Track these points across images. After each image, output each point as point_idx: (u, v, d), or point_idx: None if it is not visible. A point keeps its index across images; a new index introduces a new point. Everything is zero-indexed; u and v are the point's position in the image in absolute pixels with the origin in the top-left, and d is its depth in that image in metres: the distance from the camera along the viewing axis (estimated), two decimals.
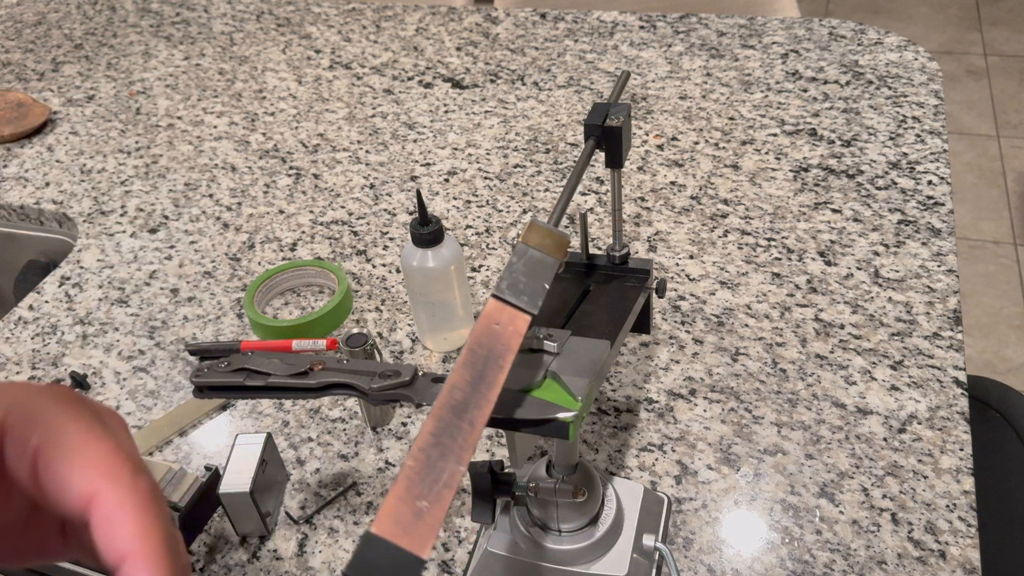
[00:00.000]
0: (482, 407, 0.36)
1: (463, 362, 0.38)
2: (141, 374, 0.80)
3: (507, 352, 0.39)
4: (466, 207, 0.97)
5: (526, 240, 0.44)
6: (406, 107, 1.16)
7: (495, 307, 0.41)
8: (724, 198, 0.94)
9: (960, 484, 0.63)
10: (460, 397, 0.37)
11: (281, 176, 1.05)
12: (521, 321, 0.41)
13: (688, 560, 0.60)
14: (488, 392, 0.37)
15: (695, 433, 0.69)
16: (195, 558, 0.64)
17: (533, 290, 0.42)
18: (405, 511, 0.32)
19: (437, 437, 0.35)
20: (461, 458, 0.34)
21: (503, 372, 0.38)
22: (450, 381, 0.37)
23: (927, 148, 0.98)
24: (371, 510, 0.66)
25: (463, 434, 0.35)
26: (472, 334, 0.40)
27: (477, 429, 0.35)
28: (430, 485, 0.33)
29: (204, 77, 1.27)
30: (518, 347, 0.39)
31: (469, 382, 0.37)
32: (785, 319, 0.78)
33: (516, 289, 0.42)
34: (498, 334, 0.40)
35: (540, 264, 0.43)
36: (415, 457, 0.34)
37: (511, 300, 0.41)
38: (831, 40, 1.20)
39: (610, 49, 1.23)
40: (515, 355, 0.39)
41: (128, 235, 0.97)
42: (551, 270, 0.43)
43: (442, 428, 0.35)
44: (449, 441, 0.34)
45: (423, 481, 0.33)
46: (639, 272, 0.64)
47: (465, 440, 0.35)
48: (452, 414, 0.36)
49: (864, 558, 0.59)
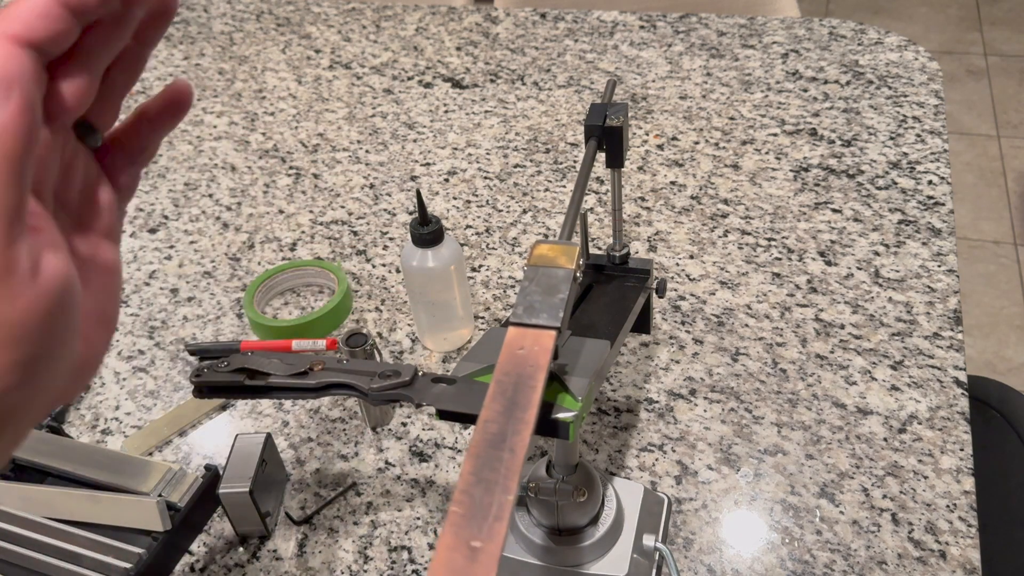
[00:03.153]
0: (520, 431, 0.34)
1: (492, 396, 0.36)
2: (141, 374, 0.80)
3: (537, 372, 0.37)
4: (466, 207, 0.97)
5: (534, 262, 0.44)
6: (406, 107, 1.16)
7: (515, 334, 0.40)
8: (724, 198, 0.94)
9: (960, 484, 0.63)
10: (495, 429, 0.35)
11: (281, 176, 1.05)
12: (546, 338, 0.40)
13: (688, 560, 0.60)
14: (524, 415, 0.35)
15: (695, 433, 0.69)
16: (195, 558, 0.64)
17: (551, 305, 0.41)
18: (457, 557, 0.30)
19: (477, 475, 0.33)
20: (508, 487, 0.32)
21: (536, 392, 0.36)
22: (482, 418, 0.35)
23: (927, 148, 0.98)
24: (371, 510, 0.66)
25: (504, 463, 0.33)
26: (497, 367, 0.38)
27: (519, 455, 0.33)
28: (480, 523, 0.31)
29: (204, 77, 1.27)
30: (548, 363, 0.38)
31: (501, 412, 0.35)
32: (785, 319, 0.78)
33: (533, 310, 0.41)
34: (523, 358, 0.38)
35: (552, 279, 0.43)
36: (459, 501, 0.32)
37: (530, 322, 0.41)
38: (831, 40, 1.20)
39: (610, 49, 1.23)
40: (546, 373, 0.37)
41: (128, 235, 0.97)
42: (566, 281, 0.43)
43: (481, 464, 0.33)
44: (491, 474, 0.32)
45: (472, 522, 0.31)
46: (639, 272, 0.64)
47: (508, 468, 0.33)
48: (490, 447, 0.34)
49: (864, 558, 0.59)
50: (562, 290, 0.42)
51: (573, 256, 0.44)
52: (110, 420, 0.75)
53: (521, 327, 0.41)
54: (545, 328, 0.40)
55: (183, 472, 0.64)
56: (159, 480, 0.63)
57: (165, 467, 0.64)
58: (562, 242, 0.44)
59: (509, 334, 0.40)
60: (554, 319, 0.41)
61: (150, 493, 0.62)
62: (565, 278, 0.43)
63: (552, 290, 0.42)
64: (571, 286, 0.43)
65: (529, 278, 0.43)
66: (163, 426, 0.73)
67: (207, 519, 0.66)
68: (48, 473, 0.65)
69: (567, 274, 0.43)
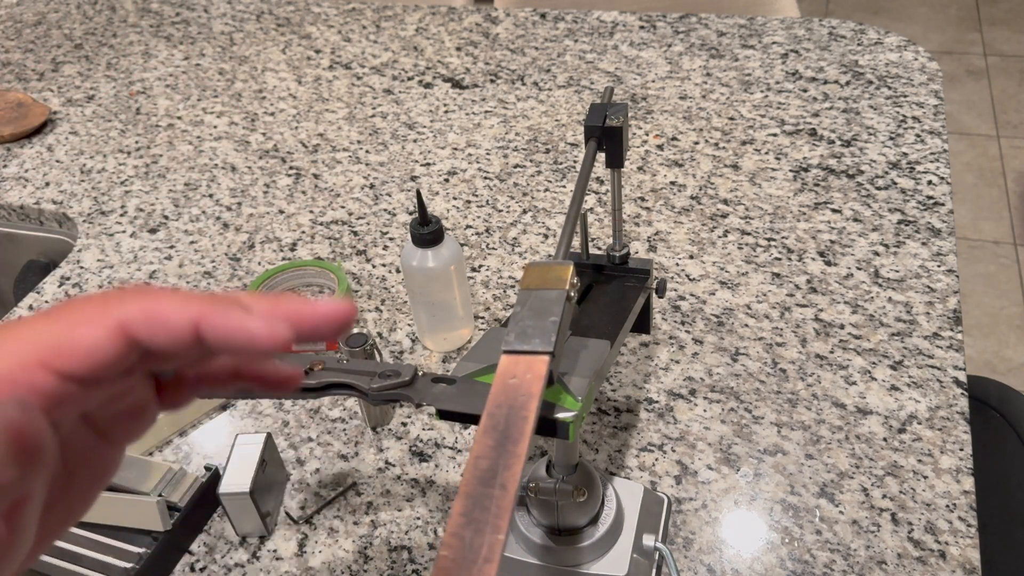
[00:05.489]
0: (512, 466, 0.33)
1: (483, 429, 0.35)
2: None
3: (530, 400, 0.36)
4: (466, 207, 0.97)
5: (525, 285, 0.42)
6: (406, 107, 1.16)
7: (508, 362, 0.39)
8: (724, 198, 0.94)
9: (960, 484, 0.63)
10: (486, 465, 0.33)
11: (281, 176, 1.05)
12: (539, 364, 0.38)
13: (688, 560, 0.60)
14: (515, 448, 0.34)
15: (695, 433, 0.69)
16: (195, 558, 0.64)
17: (543, 329, 0.40)
18: None
19: (468, 516, 0.32)
20: (498, 527, 0.31)
21: (528, 423, 0.35)
22: (473, 453, 0.34)
23: (927, 148, 0.98)
24: (371, 510, 0.66)
25: (496, 501, 0.32)
26: (489, 399, 0.37)
27: (511, 491, 0.32)
28: (469, 568, 0.30)
29: (204, 77, 1.27)
30: (541, 391, 0.37)
31: (492, 447, 0.34)
32: (785, 319, 0.78)
33: (525, 336, 0.40)
34: (516, 387, 0.37)
35: (544, 301, 0.41)
36: (448, 545, 0.31)
37: (522, 348, 0.39)
38: (831, 40, 1.20)
39: (610, 49, 1.23)
40: (540, 401, 0.36)
41: (128, 235, 0.97)
42: (558, 303, 0.41)
43: (472, 504, 0.32)
44: (482, 514, 0.31)
45: (462, 567, 0.30)
46: (639, 272, 0.64)
47: (499, 507, 0.32)
48: (481, 485, 0.33)
49: (864, 558, 0.59)
50: (555, 312, 0.40)
51: (566, 276, 0.42)
52: None
53: (514, 354, 0.39)
54: (538, 354, 0.39)
55: (183, 472, 0.64)
56: (159, 480, 0.63)
57: (165, 467, 0.64)
58: (554, 262, 0.43)
59: (501, 363, 0.39)
60: (547, 343, 0.39)
61: (150, 493, 0.62)
62: (558, 299, 0.41)
63: (544, 314, 0.40)
64: (564, 307, 0.41)
65: (521, 302, 0.42)
66: (163, 426, 0.73)
67: (207, 519, 0.66)
68: None
69: (560, 295, 0.41)
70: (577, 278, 0.44)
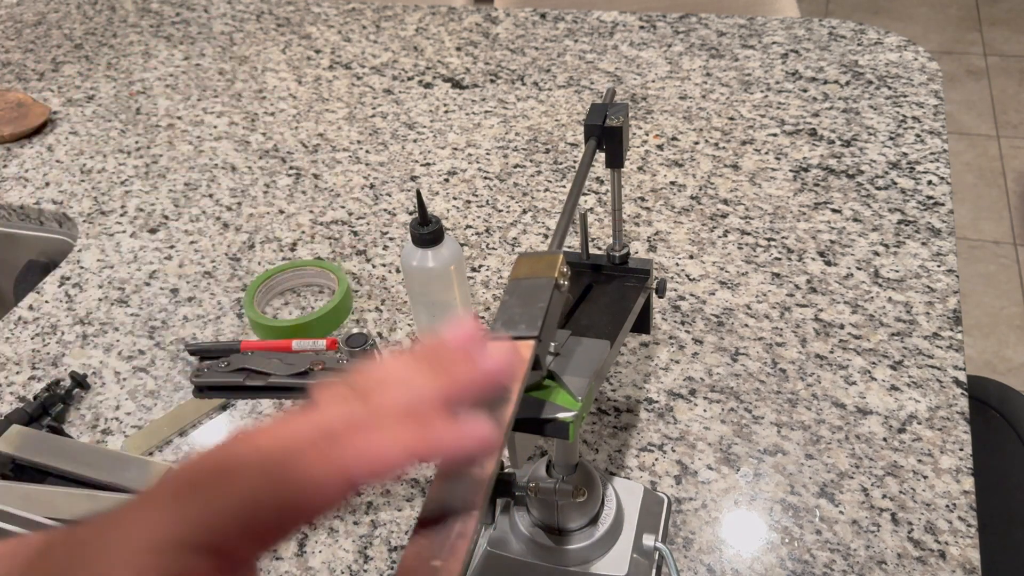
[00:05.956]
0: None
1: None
2: (141, 374, 0.80)
3: (513, 383, 0.36)
4: (466, 207, 0.97)
5: (515, 275, 0.43)
6: (406, 107, 1.16)
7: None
8: (724, 198, 0.94)
9: (960, 484, 0.63)
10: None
11: (281, 176, 1.05)
12: (525, 348, 0.39)
13: (688, 560, 0.61)
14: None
15: (695, 433, 0.69)
16: None
17: (531, 315, 0.40)
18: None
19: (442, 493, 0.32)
20: (473, 502, 0.31)
21: (510, 404, 0.35)
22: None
23: (927, 148, 0.98)
24: (371, 510, 0.66)
25: (472, 477, 0.32)
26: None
27: (488, 468, 0.32)
28: (442, 541, 0.30)
29: (204, 77, 1.27)
30: (526, 375, 0.37)
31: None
32: (785, 319, 0.78)
33: (512, 323, 0.40)
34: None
35: (532, 289, 0.42)
36: (421, 522, 0.31)
37: (508, 335, 0.39)
38: (831, 40, 1.20)
39: (610, 49, 1.23)
40: (523, 384, 0.36)
41: (128, 235, 0.97)
42: (546, 290, 0.41)
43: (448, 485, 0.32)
44: (460, 488, 0.32)
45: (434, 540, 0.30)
46: (639, 272, 0.64)
47: (476, 483, 0.32)
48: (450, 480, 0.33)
49: (864, 558, 0.59)
50: (542, 299, 0.41)
51: (555, 265, 0.42)
52: (110, 420, 0.75)
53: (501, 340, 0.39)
54: (524, 339, 0.39)
55: None
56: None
57: (165, 467, 0.64)
58: (544, 253, 0.44)
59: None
60: (533, 329, 0.39)
61: None
62: (546, 286, 0.41)
63: (532, 301, 0.41)
64: (553, 294, 0.41)
65: (510, 292, 0.42)
66: (163, 426, 0.73)
67: None
68: (48, 473, 0.65)
69: (548, 282, 0.42)
70: (567, 267, 0.44)
